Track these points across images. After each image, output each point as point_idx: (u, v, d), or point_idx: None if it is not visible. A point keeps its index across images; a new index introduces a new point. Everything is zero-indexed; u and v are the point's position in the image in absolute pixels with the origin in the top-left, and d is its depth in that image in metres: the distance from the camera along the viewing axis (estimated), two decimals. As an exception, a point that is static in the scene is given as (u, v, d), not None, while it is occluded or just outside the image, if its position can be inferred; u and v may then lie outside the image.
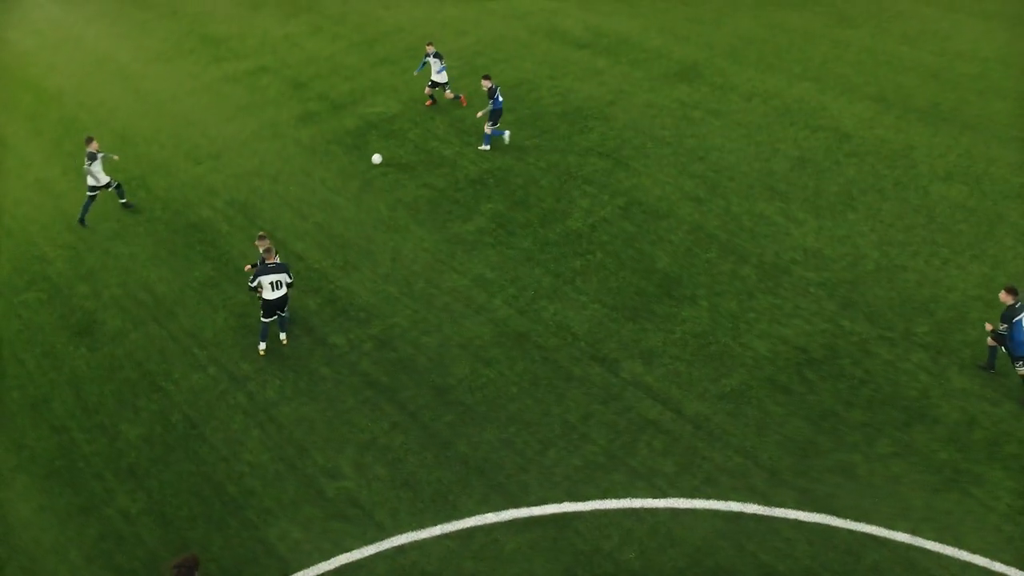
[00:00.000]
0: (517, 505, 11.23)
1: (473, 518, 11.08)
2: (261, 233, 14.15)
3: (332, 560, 10.61)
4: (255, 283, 13.21)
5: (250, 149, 20.06)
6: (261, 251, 13.46)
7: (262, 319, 13.57)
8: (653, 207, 17.32)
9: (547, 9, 27.46)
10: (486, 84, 19.04)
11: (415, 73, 22.52)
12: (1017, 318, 12.26)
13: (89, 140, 17.13)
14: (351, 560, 10.60)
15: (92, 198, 17.30)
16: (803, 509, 11.03)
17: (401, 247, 16.39)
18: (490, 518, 11.09)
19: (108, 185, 17.42)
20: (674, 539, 10.73)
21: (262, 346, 13.81)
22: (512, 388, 13.10)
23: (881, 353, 13.48)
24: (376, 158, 18.96)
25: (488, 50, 24.32)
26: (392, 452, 12.09)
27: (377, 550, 10.71)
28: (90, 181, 17.14)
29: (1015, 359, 12.39)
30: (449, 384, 13.22)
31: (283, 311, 13.64)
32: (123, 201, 17.94)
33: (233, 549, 10.80)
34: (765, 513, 11.01)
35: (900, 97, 21.25)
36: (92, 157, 16.97)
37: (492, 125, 19.29)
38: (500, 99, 19.12)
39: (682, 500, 11.23)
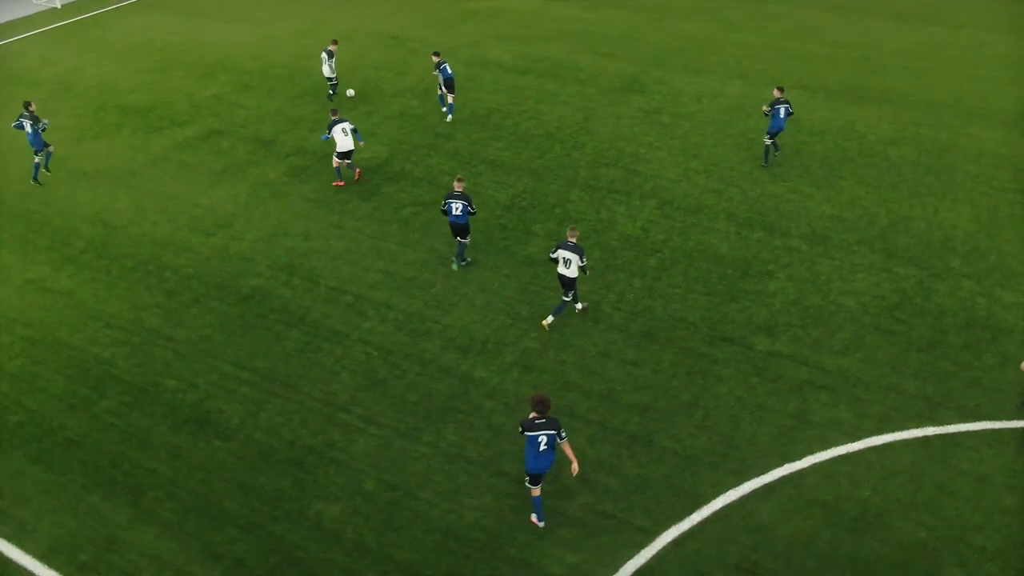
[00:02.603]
0: (748, 478, 12.03)
1: (719, 499, 11.72)
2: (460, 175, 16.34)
3: (622, 570, 10.78)
4: (555, 254, 14.43)
5: (259, 212, 18.95)
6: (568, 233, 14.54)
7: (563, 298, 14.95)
8: (683, 203, 18.79)
9: (468, 43, 28.25)
10: (435, 59, 22.20)
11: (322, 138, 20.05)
12: (776, 107, 19.14)
13: (334, 42, 23.40)
14: (640, 565, 10.83)
15: (333, 86, 23.54)
16: (967, 421, 12.87)
17: (481, 277, 16.47)
18: (732, 495, 11.79)
19: (335, 81, 23.61)
20: (889, 471, 12.08)
21: (549, 319, 14.96)
22: (672, 381, 13.84)
23: (939, 288, 15.84)
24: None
25: (436, 86, 24.60)
26: (606, 462, 12.38)
27: (654, 551, 11.02)
28: (326, 72, 23.19)
29: (768, 135, 19.53)
30: (613, 390, 13.69)
31: (569, 292, 14.80)
32: (331, 94, 23.74)
33: (515, 589, 10.61)
34: (943, 432, 12.70)
35: (816, 82, 24.54)
36: (330, 55, 22.89)
37: (451, 94, 22.40)
38: (449, 71, 22.20)
39: (875, 438, 12.63)
